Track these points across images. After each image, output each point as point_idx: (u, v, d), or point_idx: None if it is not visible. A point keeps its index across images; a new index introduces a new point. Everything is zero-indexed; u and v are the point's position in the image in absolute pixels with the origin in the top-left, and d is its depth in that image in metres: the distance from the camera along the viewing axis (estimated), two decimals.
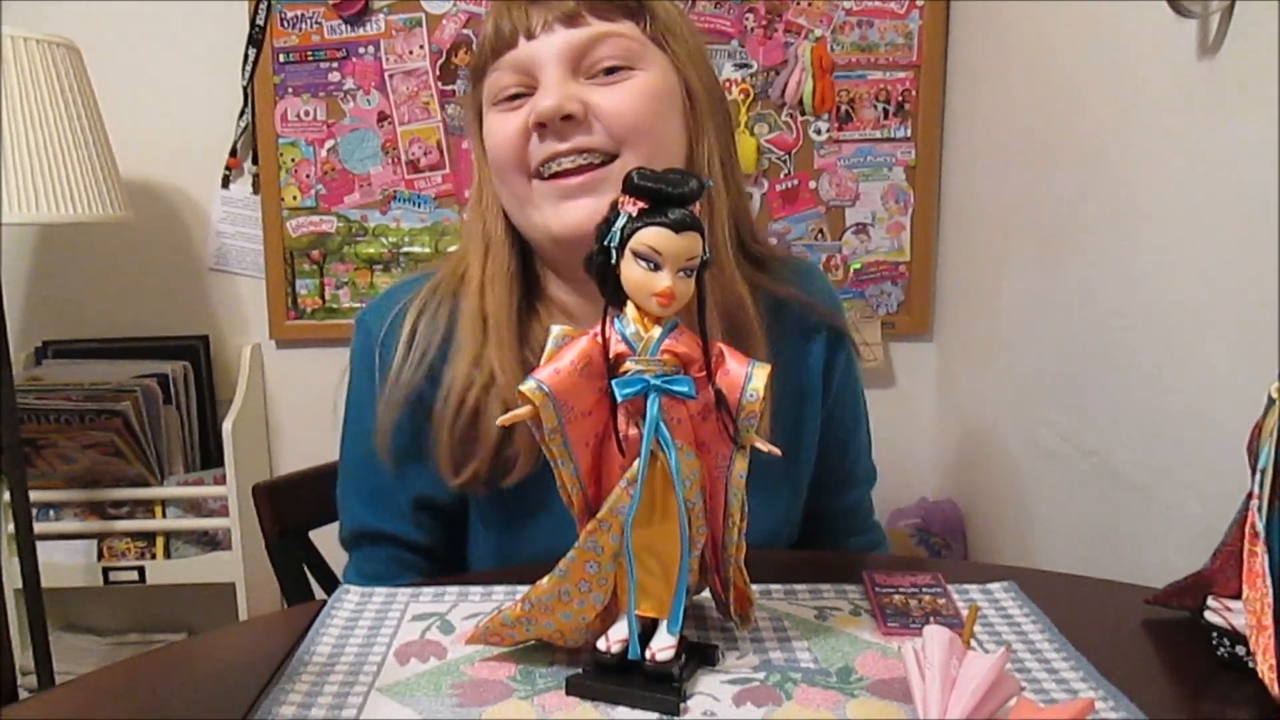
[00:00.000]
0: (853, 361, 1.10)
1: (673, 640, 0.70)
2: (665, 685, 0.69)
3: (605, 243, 0.69)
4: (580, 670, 0.72)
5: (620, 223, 0.68)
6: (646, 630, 0.72)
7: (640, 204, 0.68)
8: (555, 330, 0.73)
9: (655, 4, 0.96)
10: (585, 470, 0.72)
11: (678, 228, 0.67)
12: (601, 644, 0.72)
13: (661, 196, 0.68)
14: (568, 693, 0.71)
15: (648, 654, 0.70)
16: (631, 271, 0.68)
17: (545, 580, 0.72)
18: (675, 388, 0.69)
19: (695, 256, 0.68)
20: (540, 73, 0.93)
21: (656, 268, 0.67)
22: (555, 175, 0.94)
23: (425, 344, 0.99)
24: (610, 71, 0.94)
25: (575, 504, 0.73)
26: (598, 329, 0.71)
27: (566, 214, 0.93)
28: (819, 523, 1.14)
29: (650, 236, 0.67)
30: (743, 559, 0.75)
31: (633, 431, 0.69)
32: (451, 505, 1.03)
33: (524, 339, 0.98)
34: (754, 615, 0.80)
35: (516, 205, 0.97)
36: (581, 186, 0.93)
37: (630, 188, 0.68)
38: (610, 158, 0.93)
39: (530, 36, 0.93)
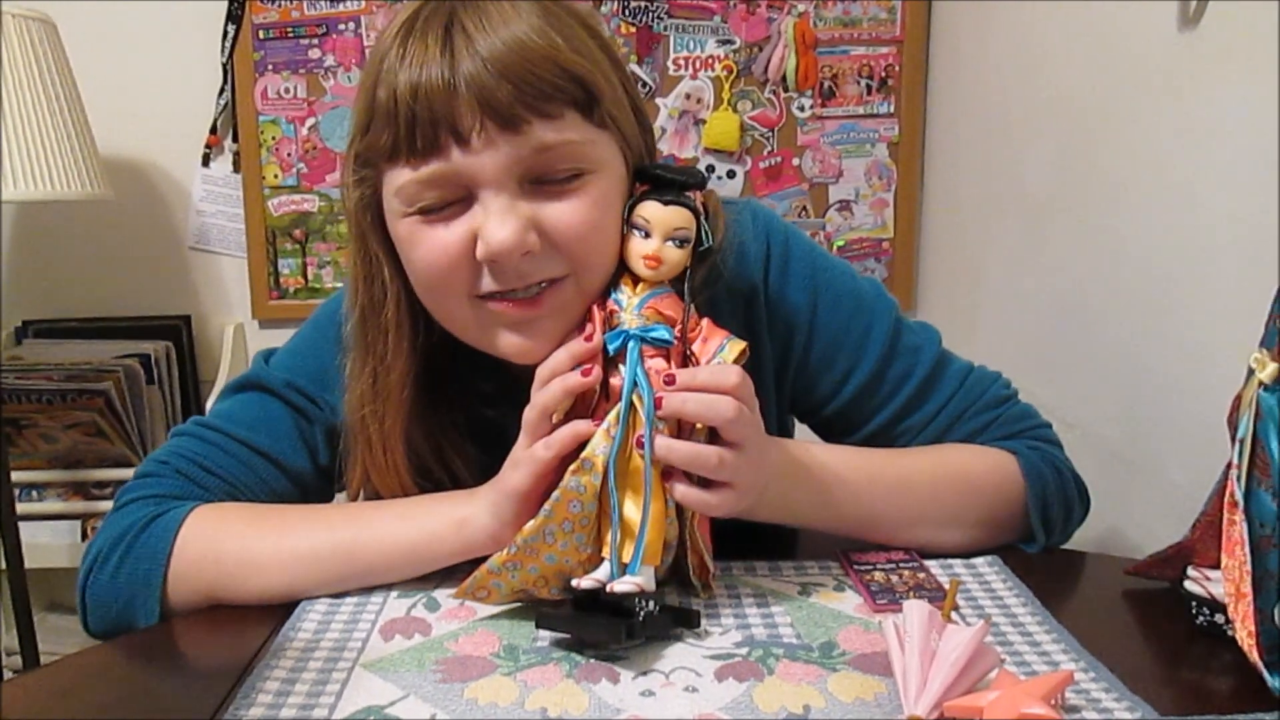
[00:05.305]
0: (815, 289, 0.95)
1: (635, 579, 0.72)
2: (621, 618, 0.72)
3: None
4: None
5: (629, 203, 0.81)
6: None
7: (644, 187, 0.81)
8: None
9: (597, 79, 0.80)
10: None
11: (666, 201, 0.78)
12: (574, 581, 0.74)
13: (662, 181, 0.80)
14: (537, 626, 0.75)
15: (607, 586, 0.73)
16: (629, 240, 0.79)
17: (531, 521, 0.75)
18: (653, 334, 0.77)
19: (683, 229, 0.78)
20: (481, 191, 0.78)
21: (647, 235, 0.78)
22: (508, 299, 0.81)
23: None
24: (557, 180, 0.80)
25: None
26: (596, 304, 0.80)
27: (530, 338, 0.82)
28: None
29: (642, 208, 0.79)
30: (703, 528, 0.80)
31: (615, 380, 0.77)
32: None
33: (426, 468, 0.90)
34: (715, 586, 0.83)
35: (455, 326, 0.85)
36: (547, 311, 0.82)
37: (637, 174, 0.83)
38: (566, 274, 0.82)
39: (464, 145, 0.77)
